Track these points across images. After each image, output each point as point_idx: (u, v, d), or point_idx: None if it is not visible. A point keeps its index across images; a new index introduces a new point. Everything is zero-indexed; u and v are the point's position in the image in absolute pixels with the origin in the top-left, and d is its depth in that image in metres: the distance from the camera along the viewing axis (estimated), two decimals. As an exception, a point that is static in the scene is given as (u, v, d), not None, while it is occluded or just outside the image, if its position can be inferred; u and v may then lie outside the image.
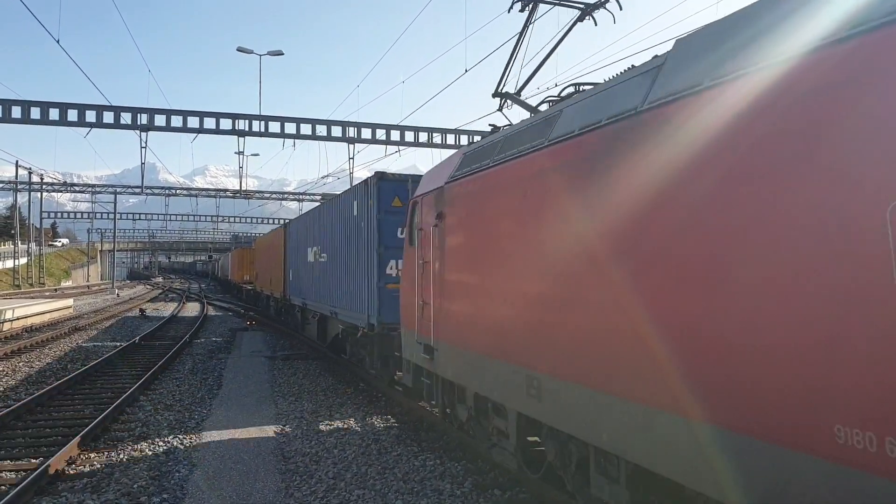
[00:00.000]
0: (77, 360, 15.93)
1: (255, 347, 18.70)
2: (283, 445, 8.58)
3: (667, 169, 3.86)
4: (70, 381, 12.41)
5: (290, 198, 71.48)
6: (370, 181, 11.59)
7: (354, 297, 12.37)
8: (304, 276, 18.52)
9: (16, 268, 62.15)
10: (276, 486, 6.97)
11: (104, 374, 13.87)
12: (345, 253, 13.31)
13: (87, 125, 28.18)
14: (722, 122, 3.48)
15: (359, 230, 12.19)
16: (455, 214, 7.20)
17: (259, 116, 30.82)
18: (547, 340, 5.12)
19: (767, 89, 3.23)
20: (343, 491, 6.85)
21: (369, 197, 11.53)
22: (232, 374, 14.14)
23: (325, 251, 15.44)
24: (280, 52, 33.47)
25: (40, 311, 26.72)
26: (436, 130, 34.40)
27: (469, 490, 6.81)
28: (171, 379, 13.46)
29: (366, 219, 11.69)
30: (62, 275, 79.15)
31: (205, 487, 6.92)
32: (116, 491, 6.78)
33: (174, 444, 8.56)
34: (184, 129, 29.84)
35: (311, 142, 32.60)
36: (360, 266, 11.98)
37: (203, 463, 7.77)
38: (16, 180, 61.65)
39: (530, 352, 5.40)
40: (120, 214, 65.31)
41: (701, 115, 3.64)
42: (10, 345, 17.99)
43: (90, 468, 7.58)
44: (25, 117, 27.36)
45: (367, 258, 11.60)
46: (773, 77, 3.21)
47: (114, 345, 18.72)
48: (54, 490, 6.85)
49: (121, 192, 60.49)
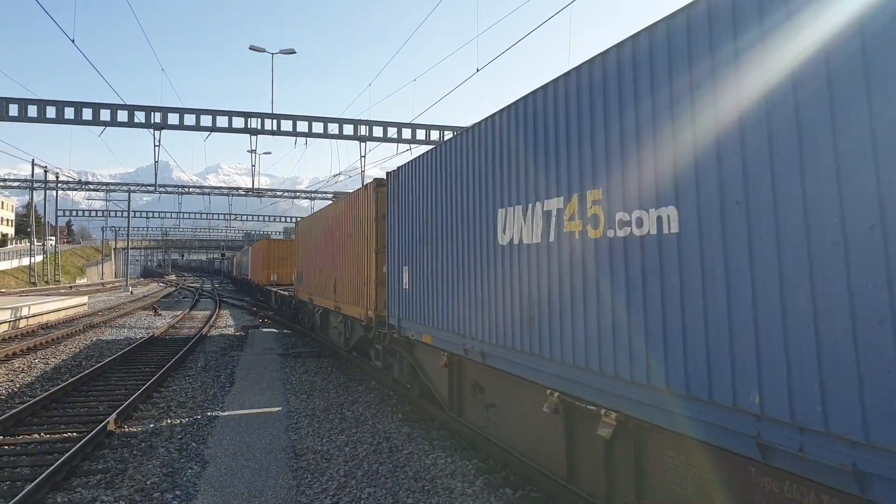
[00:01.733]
0: (91, 358, 16.07)
1: (266, 345, 18.78)
2: (295, 443, 8.61)
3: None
4: (83, 377, 12.53)
5: (302, 196, 71.77)
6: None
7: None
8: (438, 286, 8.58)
9: (32, 265, 62.79)
10: (287, 484, 7.00)
11: (115, 372, 14.00)
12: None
13: (101, 124, 28.42)
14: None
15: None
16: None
17: (271, 115, 30.94)
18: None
19: None
20: (354, 489, 6.86)
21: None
22: (244, 371, 14.21)
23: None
24: (292, 50, 33.55)
25: (56, 309, 26.99)
26: (447, 128, 34.39)
27: (480, 488, 6.80)
28: (184, 376, 13.55)
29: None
30: (77, 272, 79.93)
31: (216, 485, 6.95)
32: (130, 487, 6.84)
33: (187, 441, 8.62)
34: (197, 127, 30.02)
35: (322, 140, 32.71)
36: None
37: (215, 460, 7.81)
38: (32, 179, 62.31)
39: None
40: (134, 212, 65.82)
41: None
42: (27, 341, 18.18)
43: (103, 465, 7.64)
44: (41, 116, 27.63)
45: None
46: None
47: (127, 341, 18.87)
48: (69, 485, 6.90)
49: (135, 190, 60.97)
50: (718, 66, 3.91)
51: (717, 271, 3.90)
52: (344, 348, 14.80)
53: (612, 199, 4.85)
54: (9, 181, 71.05)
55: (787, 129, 3.48)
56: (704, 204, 4.00)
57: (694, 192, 4.07)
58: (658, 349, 4.36)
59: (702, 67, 4.03)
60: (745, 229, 3.71)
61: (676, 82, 4.25)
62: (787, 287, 3.46)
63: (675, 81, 4.26)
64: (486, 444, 7.85)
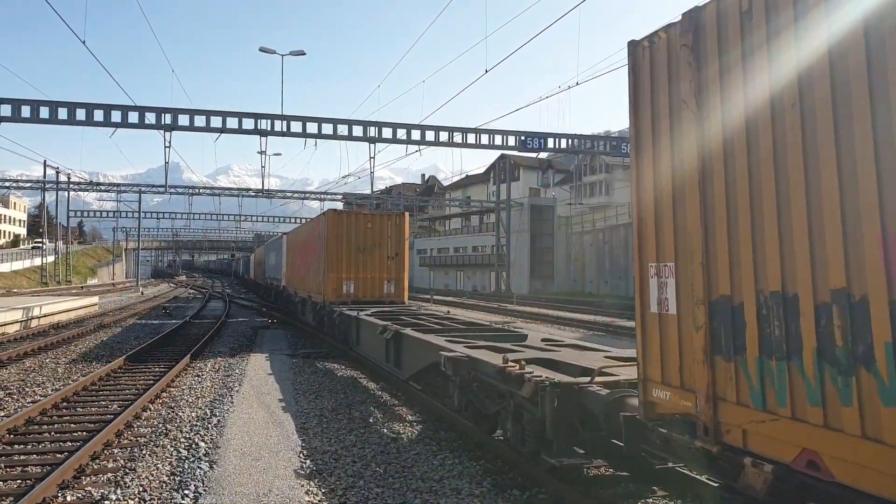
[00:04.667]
0: (102, 358, 16.16)
1: (275, 346, 18.84)
2: (303, 442, 8.62)
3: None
4: (98, 375, 12.62)
5: (312, 197, 71.96)
6: None
7: None
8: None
9: (44, 265, 63.29)
10: (295, 484, 7.00)
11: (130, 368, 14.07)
12: None
13: (112, 125, 28.63)
14: None
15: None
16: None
17: (281, 116, 31.06)
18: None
19: None
20: (362, 489, 6.85)
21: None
22: (253, 370, 14.26)
23: None
24: (302, 52, 33.66)
25: (67, 308, 27.18)
26: (456, 130, 34.39)
27: (488, 489, 6.78)
28: (192, 376, 13.61)
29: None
30: (88, 273, 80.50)
31: (224, 483, 6.97)
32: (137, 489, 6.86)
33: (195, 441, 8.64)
34: (207, 128, 30.19)
35: (332, 141, 32.80)
36: None
37: (223, 460, 7.83)
38: (44, 180, 62.84)
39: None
40: (144, 213, 66.23)
41: None
42: (38, 341, 18.32)
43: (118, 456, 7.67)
44: (53, 118, 27.86)
45: None
46: None
47: (137, 341, 18.98)
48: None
49: (145, 191, 61.34)
50: None
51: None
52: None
53: None
54: (21, 182, 71.71)
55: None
56: None
57: None
58: None
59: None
60: None
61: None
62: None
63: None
64: (493, 445, 7.84)
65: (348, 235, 19.47)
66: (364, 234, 19.61)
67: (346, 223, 19.58)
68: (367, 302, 18.98)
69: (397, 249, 19.98)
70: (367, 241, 19.68)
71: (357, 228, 19.64)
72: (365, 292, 19.43)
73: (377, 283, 19.70)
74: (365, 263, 19.57)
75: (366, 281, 19.54)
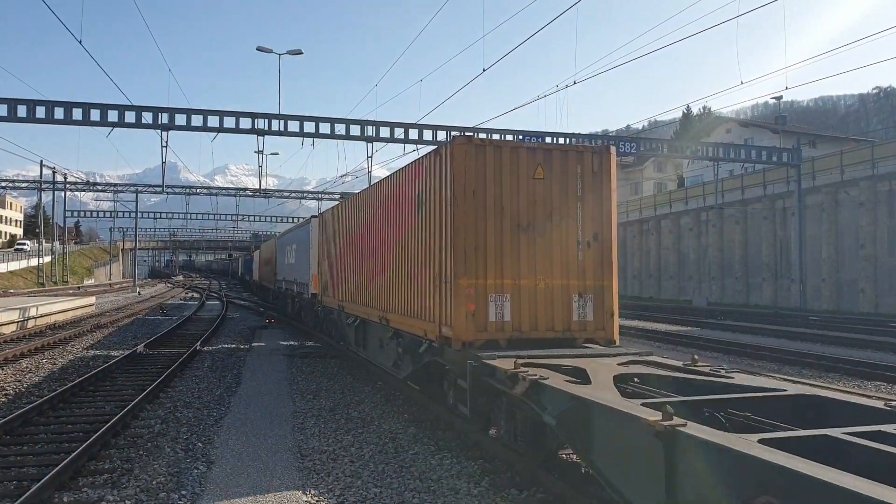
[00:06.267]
0: (98, 359, 16.12)
1: (273, 345, 18.82)
2: (301, 443, 8.61)
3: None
4: (91, 377, 12.57)
5: (310, 196, 71.87)
6: None
7: None
8: None
9: (40, 266, 63.15)
10: (293, 484, 6.99)
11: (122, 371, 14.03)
12: None
13: (109, 125, 28.50)
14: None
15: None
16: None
17: (278, 115, 30.97)
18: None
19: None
20: (360, 489, 6.85)
21: None
22: (251, 371, 14.24)
23: None
24: (299, 51, 33.57)
25: (63, 309, 27.11)
26: (454, 129, 34.37)
27: (486, 489, 6.78)
28: (191, 377, 13.58)
29: None
30: (85, 273, 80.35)
31: (222, 485, 6.95)
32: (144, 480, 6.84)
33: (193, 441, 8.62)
34: (204, 128, 30.06)
35: (330, 141, 32.73)
36: None
37: (220, 460, 7.82)
38: (40, 180, 62.69)
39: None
40: (141, 213, 66.18)
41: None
42: (35, 342, 18.26)
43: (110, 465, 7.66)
44: (49, 117, 27.74)
45: None
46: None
47: (135, 342, 18.93)
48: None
49: (142, 191, 61.24)
50: None
51: None
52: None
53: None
54: (17, 182, 71.55)
55: None
56: None
57: None
58: None
59: None
60: None
61: None
62: None
63: None
64: (490, 444, 7.82)
65: (498, 195, 8.71)
66: (529, 193, 8.87)
67: (491, 165, 8.69)
68: (534, 342, 8.55)
69: (597, 227, 9.30)
70: (536, 209, 8.89)
71: (515, 178, 8.80)
72: (532, 321, 8.73)
73: (557, 298, 8.88)
74: (531, 256, 8.79)
75: (532, 295, 8.76)
